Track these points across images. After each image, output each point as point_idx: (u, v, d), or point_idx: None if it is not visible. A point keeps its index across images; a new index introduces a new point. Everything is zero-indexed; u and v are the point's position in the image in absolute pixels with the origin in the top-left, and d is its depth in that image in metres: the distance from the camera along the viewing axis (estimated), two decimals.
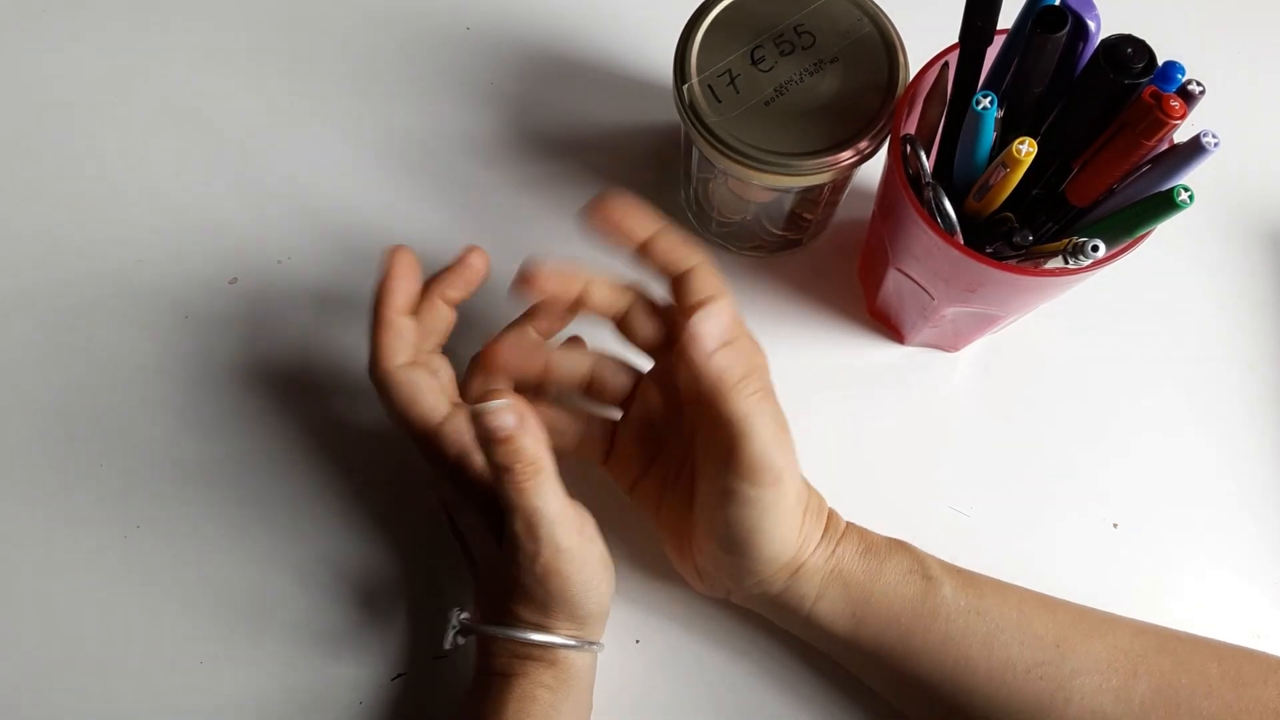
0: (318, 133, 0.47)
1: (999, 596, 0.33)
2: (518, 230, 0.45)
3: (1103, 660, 0.31)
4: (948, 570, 0.34)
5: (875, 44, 0.36)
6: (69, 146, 0.47)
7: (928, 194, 0.32)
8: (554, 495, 0.31)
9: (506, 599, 0.33)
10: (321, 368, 0.43)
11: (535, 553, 0.31)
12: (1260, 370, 0.43)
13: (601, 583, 0.33)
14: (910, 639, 0.32)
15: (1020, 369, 0.43)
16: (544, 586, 0.32)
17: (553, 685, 0.33)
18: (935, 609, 0.32)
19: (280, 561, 0.40)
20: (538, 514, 0.30)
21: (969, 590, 0.33)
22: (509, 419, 0.29)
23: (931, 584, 0.33)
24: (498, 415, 0.29)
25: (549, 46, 0.49)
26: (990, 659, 0.32)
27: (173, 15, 0.50)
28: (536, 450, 0.30)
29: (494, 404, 0.29)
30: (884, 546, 0.34)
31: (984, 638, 0.32)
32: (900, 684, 0.34)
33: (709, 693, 0.38)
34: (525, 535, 0.31)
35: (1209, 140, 0.27)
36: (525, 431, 0.30)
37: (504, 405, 0.29)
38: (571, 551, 0.31)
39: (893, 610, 0.33)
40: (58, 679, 0.38)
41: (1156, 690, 0.31)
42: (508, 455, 0.30)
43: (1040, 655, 0.32)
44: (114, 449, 0.42)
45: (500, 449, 0.29)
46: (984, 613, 0.32)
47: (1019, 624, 0.32)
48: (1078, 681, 0.31)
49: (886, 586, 0.33)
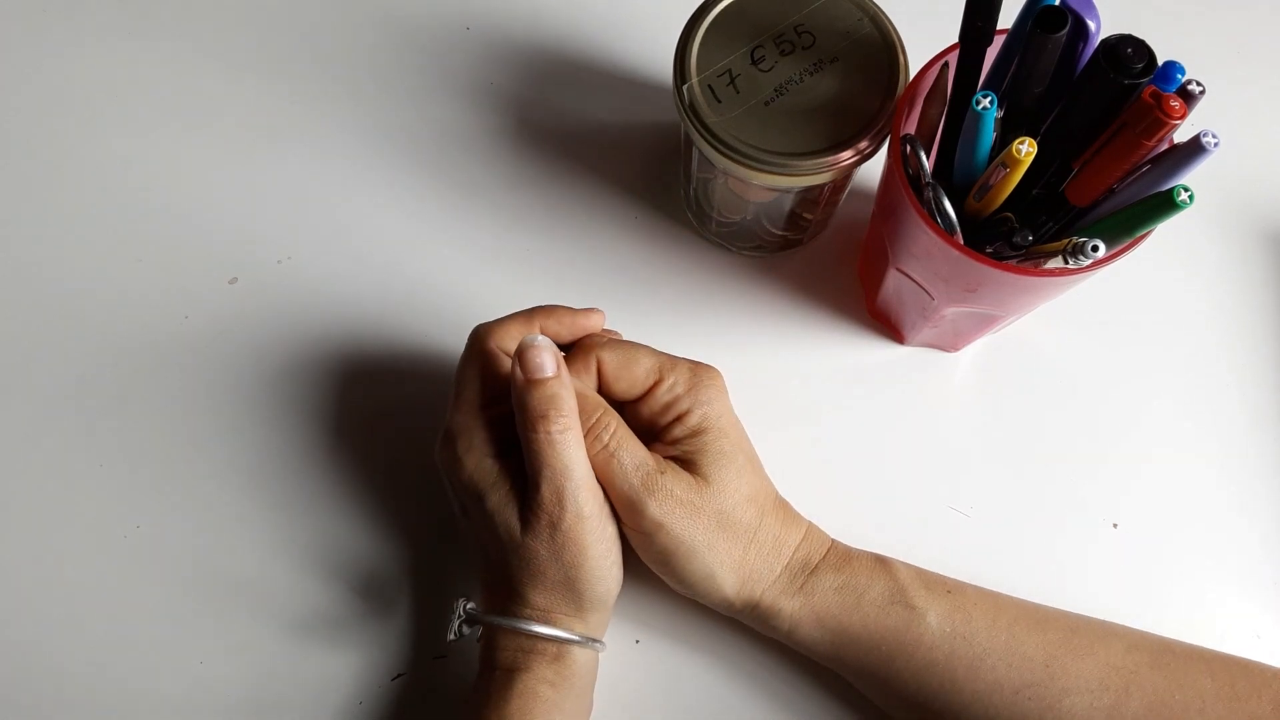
0: (318, 133, 0.47)
1: (989, 618, 0.33)
2: (518, 230, 0.45)
3: (1094, 679, 0.31)
4: (934, 595, 0.33)
5: (875, 44, 0.36)
6: (69, 146, 0.47)
7: (928, 194, 0.32)
8: (582, 458, 0.31)
9: (517, 582, 0.33)
10: (322, 367, 0.43)
11: (559, 518, 0.31)
12: (1260, 370, 0.42)
13: (613, 566, 0.33)
14: (893, 663, 0.33)
15: (1020, 369, 0.43)
16: (560, 560, 0.32)
17: (555, 682, 0.33)
18: (918, 638, 0.32)
19: (281, 562, 0.40)
20: (566, 471, 0.30)
21: (955, 615, 0.33)
22: (549, 359, 0.30)
23: (914, 614, 0.33)
24: (541, 351, 0.30)
25: (549, 46, 0.49)
26: (976, 683, 0.32)
27: (172, 15, 0.50)
28: (571, 404, 0.30)
29: (540, 338, 0.30)
30: (864, 574, 0.34)
31: (969, 662, 0.32)
32: (887, 699, 0.35)
33: (709, 693, 0.38)
34: (550, 497, 0.31)
35: (1209, 140, 0.27)
36: (563, 383, 0.30)
37: (547, 342, 0.30)
38: (593, 520, 0.31)
39: (873, 640, 0.33)
40: (58, 679, 0.38)
41: (1149, 708, 0.31)
42: (544, 402, 0.30)
43: (1029, 677, 0.32)
44: (114, 449, 0.42)
45: (537, 391, 0.30)
46: (970, 637, 0.32)
47: (1008, 646, 0.32)
48: (1067, 701, 0.31)
49: (865, 619, 0.33)
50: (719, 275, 0.44)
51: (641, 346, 0.34)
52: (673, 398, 0.33)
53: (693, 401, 0.33)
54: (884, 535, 0.37)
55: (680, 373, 0.33)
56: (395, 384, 0.42)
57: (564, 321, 0.34)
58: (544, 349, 0.30)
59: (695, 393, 0.33)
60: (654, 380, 0.33)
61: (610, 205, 0.45)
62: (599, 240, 0.45)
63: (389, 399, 0.42)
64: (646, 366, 0.33)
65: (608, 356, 0.33)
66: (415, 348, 0.43)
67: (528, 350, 0.30)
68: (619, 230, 0.45)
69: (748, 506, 0.33)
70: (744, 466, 0.33)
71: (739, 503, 0.33)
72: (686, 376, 0.33)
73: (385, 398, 0.42)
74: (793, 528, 0.34)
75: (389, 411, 0.42)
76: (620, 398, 0.34)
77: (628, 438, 0.32)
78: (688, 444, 0.33)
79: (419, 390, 0.42)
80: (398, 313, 0.44)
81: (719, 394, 0.34)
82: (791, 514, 0.35)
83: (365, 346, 0.43)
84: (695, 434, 0.33)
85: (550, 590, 0.33)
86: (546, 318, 0.34)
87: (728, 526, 0.33)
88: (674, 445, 0.33)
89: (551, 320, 0.34)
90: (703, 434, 0.33)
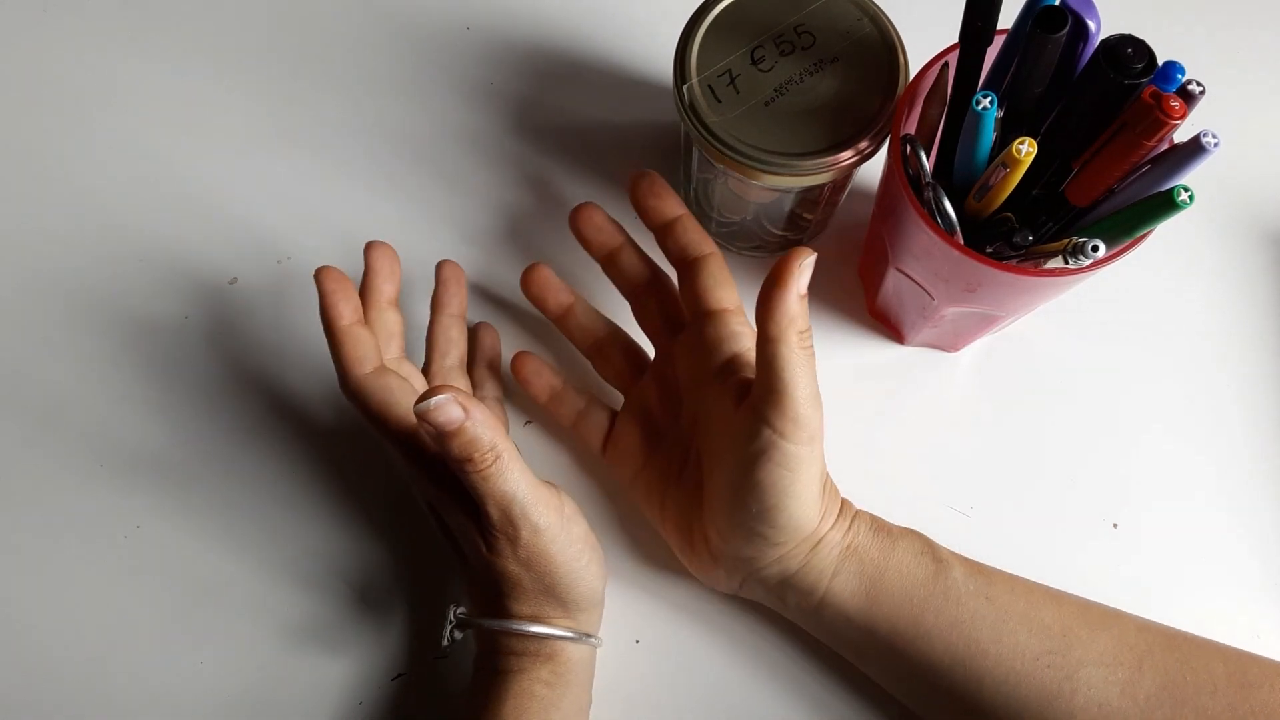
0: (318, 133, 0.47)
1: (1006, 585, 0.33)
2: (517, 230, 0.45)
3: (1109, 653, 0.32)
4: (956, 556, 0.34)
5: (875, 44, 0.36)
6: (69, 146, 0.47)
7: (928, 194, 0.32)
8: (521, 476, 0.31)
9: (498, 595, 0.33)
10: (322, 367, 0.43)
11: (515, 536, 0.31)
12: (1260, 370, 0.42)
13: (590, 563, 0.33)
14: (921, 620, 0.32)
15: (1020, 369, 0.43)
16: (531, 571, 0.32)
17: (550, 681, 0.33)
18: (946, 590, 0.33)
19: (281, 562, 0.40)
20: (507, 497, 0.30)
21: (978, 576, 0.33)
22: (455, 411, 0.28)
23: (942, 566, 0.33)
24: (442, 409, 0.28)
25: (549, 46, 0.49)
26: (999, 644, 0.32)
27: (172, 15, 0.50)
28: (491, 436, 0.29)
29: (436, 399, 0.28)
30: (894, 528, 0.35)
31: (993, 623, 0.32)
32: (909, 672, 0.34)
33: (709, 693, 0.38)
34: (501, 521, 0.31)
35: (1209, 140, 0.27)
36: (474, 420, 0.29)
37: (446, 399, 0.28)
38: (552, 529, 0.31)
39: (905, 589, 0.33)
40: (57, 679, 0.38)
41: (1162, 686, 0.31)
42: (463, 447, 0.29)
43: (1048, 644, 0.32)
44: (114, 449, 0.42)
45: (454, 442, 0.29)
46: (993, 599, 0.33)
47: (1026, 612, 0.32)
48: (1084, 672, 0.31)
49: (900, 564, 0.33)
50: None
51: None
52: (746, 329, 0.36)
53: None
54: None
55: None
56: None
57: (384, 282, 0.37)
58: (441, 407, 0.28)
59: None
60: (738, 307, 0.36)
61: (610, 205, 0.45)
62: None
63: None
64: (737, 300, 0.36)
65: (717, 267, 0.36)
66: (414, 347, 0.43)
67: (427, 414, 0.28)
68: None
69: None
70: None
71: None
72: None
73: None
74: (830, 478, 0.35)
75: None
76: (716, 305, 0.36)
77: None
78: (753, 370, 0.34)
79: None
80: None
81: None
82: None
83: None
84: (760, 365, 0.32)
85: (532, 598, 0.33)
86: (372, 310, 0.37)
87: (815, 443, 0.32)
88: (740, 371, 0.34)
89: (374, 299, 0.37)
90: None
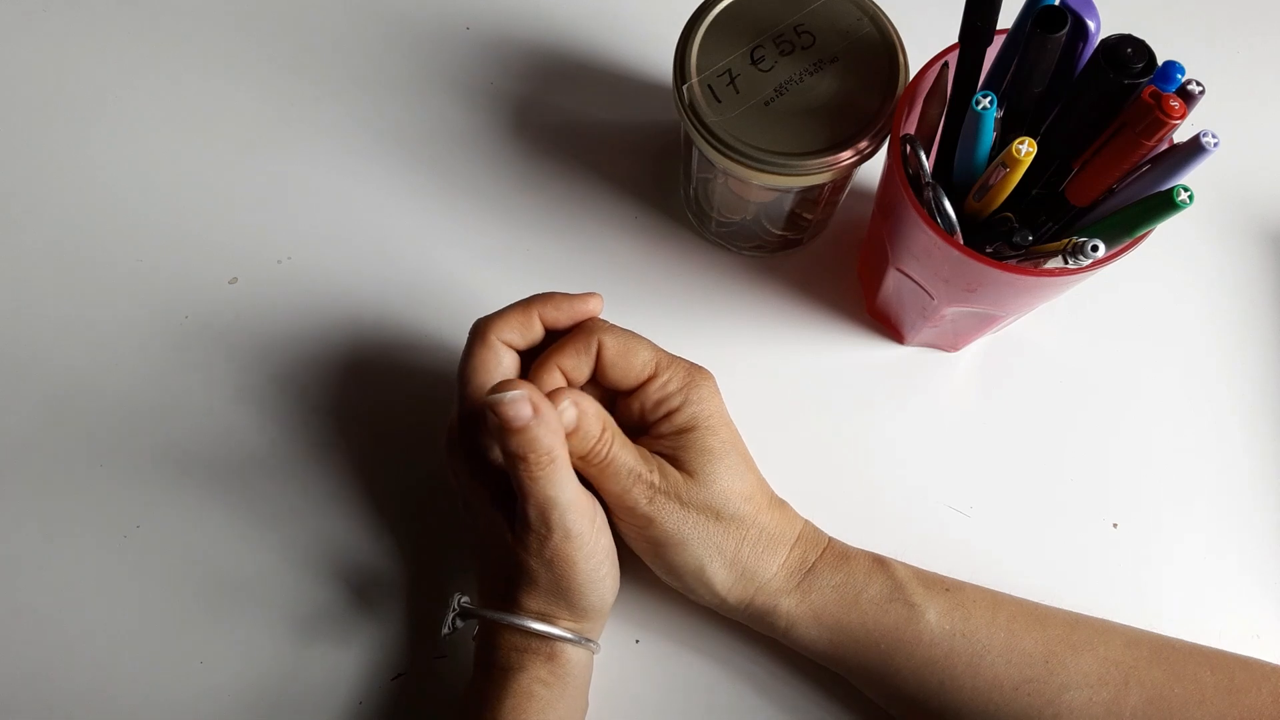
0: (317, 132, 0.47)
1: (987, 615, 0.33)
2: (517, 230, 0.45)
3: (1093, 674, 0.32)
4: (932, 593, 0.33)
5: (875, 44, 0.36)
6: (69, 146, 0.47)
7: (928, 194, 0.32)
8: (568, 483, 0.31)
9: (512, 586, 0.33)
10: (322, 367, 0.43)
11: (545, 537, 0.31)
12: (1260, 370, 0.43)
13: (606, 576, 0.33)
14: (892, 660, 0.33)
15: (1020, 369, 0.43)
16: (551, 571, 0.32)
17: (549, 681, 0.33)
18: (917, 635, 0.32)
19: (281, 562, 0.40)
20: (550, 501, 0.30)
21: (954, 613, 0.33)
22: (525, 409, 0.29)
23: (913, 611, 0.33)
24: (514, 405, 0.29)
25: (549, 46, 0.49)
26: (976, 679, 0.32)
27: (172, 15, 0.50)
28: (551, 440, 0.30)
29: (511, 393, 0.29)
30: (862, 572, 0.34)
31: (969, 659, 0.32)
32: (887, 696, 0.35)
33: (709, 693, 0.38)
34: (537, 520, 0.31)
35: (1209, 140, 0.27)
36: (540, 422, 0.29)
37: (520, 395, 0.29)
38: (582, 537, 0.31)
39: (871, 638, 0.33)
40: (58, 679, 0.38)
41: (1149, 701, 0.31)
42: (522, 445, 0.29)
43: (1028, 673, 0.32)
44: (114, 449, 0.42)
45: (515, 438, 0.29)
46: (970, 635, 0.32)
47: (1007, 643, 0.32)
48: (1067, 696, 0.31)
49: (863, 617, 0.33)
50: (719, 275, 0.44)
51: (642, 339, 0.34)
52: (665, 394, 0.33)
53: (684, 399, 0.33)
54: (883, 534, 0.37)
55: (676, 370, 0.33)
56: (395, 384, 0.42)
57: (563, 308, 0.34)
58: (514, 402, 0.29)
59: (688, 391, 0.33)
60: (650, 374, 0.33)
61: (610, 205, 0.45)
62: (599, 240, 0.45)
63: (389, 398, 0.42)
64: (645, 359, 0.33)
65: (609, 342, 0.33)
66: (415, 347, 0.43)
67: (498, 407, 0.29)
68: (619, 230, 0.45)
69: (740, 502, 0.33)
70: (735, 464, 0.33)
71: (730, 498, 0.33)
72: (682, 375, 0.33)
73: (385, 397, 0.42)
74: (789, 525, 0.34)
75: (389, 411, 0.42)
76: (614, 385, 0.34)
77: (622, 442, 0.32)
78: (676, 440, 0.33)
79: (419, 389, 0.42)
80: (398, 312, 0.44)
81: (712, 394, 0.34)
82: (789, 512, 0.35)
83: (365, 346, 0.43)
84: (684, 431, 0.33)
85: (543, 595, 0.33)
86: (545, 305, 0.34)
87: (718, 520, 0.33)
88: (661, 440, 0.33)
89: (549, 307, 0.34)
90: (691, 431, 0.33)
